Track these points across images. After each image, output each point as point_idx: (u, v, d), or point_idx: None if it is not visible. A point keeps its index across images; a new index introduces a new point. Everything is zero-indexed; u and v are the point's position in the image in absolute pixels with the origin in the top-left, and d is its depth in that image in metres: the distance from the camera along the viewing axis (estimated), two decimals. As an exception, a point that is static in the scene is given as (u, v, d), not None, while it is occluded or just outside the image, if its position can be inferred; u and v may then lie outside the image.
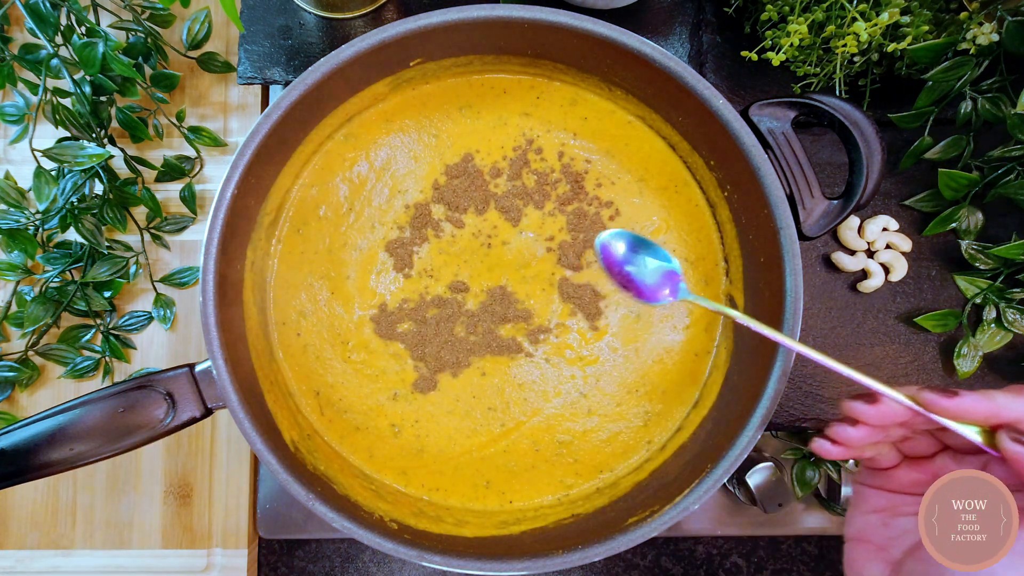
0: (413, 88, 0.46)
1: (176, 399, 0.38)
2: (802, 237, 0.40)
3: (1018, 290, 0.46)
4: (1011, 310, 0.46)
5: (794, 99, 0.40)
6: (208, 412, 0.39)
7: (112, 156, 0.48)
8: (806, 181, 0.40)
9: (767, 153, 0.40)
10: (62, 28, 0.46)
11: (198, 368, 0.39)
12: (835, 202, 0.40)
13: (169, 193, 0.52)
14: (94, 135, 0.47)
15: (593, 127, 0.47)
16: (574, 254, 0.46)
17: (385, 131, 0.47)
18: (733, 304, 0.45)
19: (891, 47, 0.43)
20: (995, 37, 0.42)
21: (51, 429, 0.37)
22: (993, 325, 0.47)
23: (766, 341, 0.40)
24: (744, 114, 0.40)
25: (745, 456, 0.38)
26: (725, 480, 0.38)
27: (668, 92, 0.42)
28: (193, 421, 0.39)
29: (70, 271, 0.50)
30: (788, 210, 0.39)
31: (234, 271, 0.42)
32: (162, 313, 0.51)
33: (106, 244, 0.49)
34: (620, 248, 0.38)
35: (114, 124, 0.49)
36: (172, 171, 0.51)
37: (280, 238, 0.46)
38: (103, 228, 0.49)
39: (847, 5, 0.42)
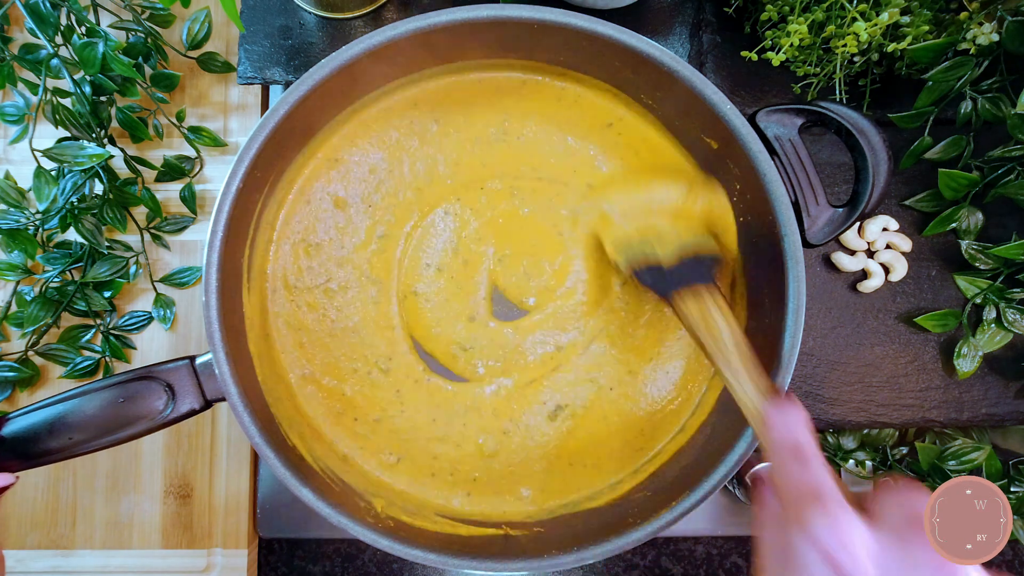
0: (414, 87, 0.46)
1: (176, 391, 0.38)
2: (806, 244, 0.39)
3: (1018, 290, 0.46)
4: (1011, 310, 0.46)
5: (802, 106, 0.40)
6: (208, 404, 0.39)
7: (112, 156, 0.48)
8: (811, 188, 0.40)
9: (773, 159, 0.39)
10: (62, 28, 0.46)
11: (199, 360, 0.39)
12: (840, 210, 0.40)
13: (169, 193, 0.52)
14: (94, 135, 0.47)
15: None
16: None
17: (386, 129, 0.47)
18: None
19: (891, 47, 0.43)
20: (995, 37, 0.42)
21: (51, 418, 0.37)
22: (993, 325, 0.47)
23: (767, 342, 0.40)
24: (751, 120, 0.40)
25: (746, 458, 0.38)
26: (725, 482, 0.38)
27: (672, 94, 0.41)
28: (193, 413, 0.38)
29: (70, 271, 0.50)
30: (793, 217, 0.39)
31: (236, 267, 0.42)
32: (162, 313, 0.51)
33: (106, 244, 0.49)
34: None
35: (114, 124, 0.49)
36: (172, 171, 0.51)
37: (282, 235, 0.46)
38: (103, 228, 0.49)
39: (847, 5, 0.42)
